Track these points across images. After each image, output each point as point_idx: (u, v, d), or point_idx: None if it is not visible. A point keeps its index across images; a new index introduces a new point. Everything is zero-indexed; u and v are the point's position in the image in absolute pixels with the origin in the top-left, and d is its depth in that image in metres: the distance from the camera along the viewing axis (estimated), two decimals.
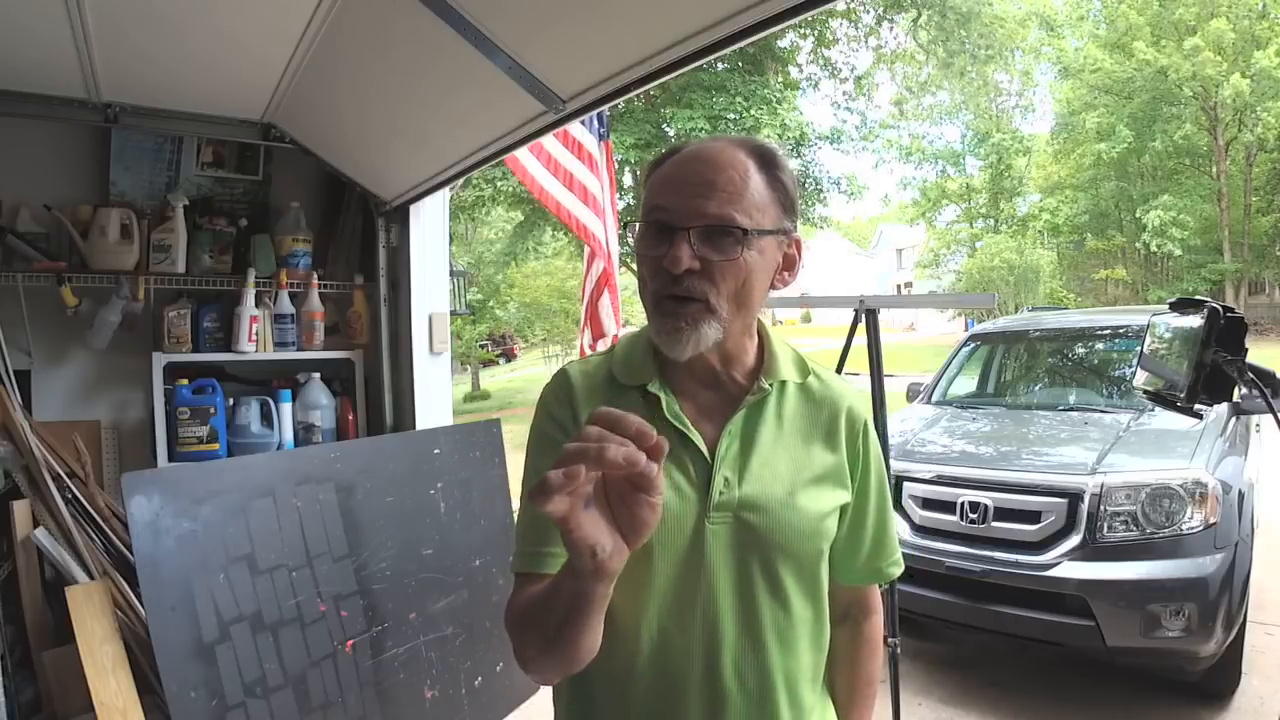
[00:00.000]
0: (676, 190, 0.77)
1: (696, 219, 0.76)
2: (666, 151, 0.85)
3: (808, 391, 0.88)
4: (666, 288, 0.77)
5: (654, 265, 0.78)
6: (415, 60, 1.58)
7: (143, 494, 1.36)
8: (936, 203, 25.67)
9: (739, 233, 0.76)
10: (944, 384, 4.28)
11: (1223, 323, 1.06)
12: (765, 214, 0.79)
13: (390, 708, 1.67)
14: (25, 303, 1.99)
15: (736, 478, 0.80)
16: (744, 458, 0.81)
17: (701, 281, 0.76)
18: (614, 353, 0.89)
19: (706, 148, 0.80)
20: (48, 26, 1.49)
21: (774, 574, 0.80)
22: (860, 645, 0.96)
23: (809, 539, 0.82)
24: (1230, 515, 2.54)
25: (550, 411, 0.86)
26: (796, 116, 11.79)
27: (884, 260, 37.28)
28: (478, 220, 16.67)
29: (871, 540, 0.91)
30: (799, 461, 0.84)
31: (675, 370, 0.84)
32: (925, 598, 2.81)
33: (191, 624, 1.37)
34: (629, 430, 0.55)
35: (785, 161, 0.82)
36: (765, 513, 0.80)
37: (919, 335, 27.10)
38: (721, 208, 0.76)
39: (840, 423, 0.87)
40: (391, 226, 2.39)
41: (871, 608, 0.97)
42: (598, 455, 0.53)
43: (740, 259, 0.76)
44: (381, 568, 1.72)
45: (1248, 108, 18.81)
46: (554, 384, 0.88)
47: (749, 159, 0.79)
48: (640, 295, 0.83)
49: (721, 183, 0.76)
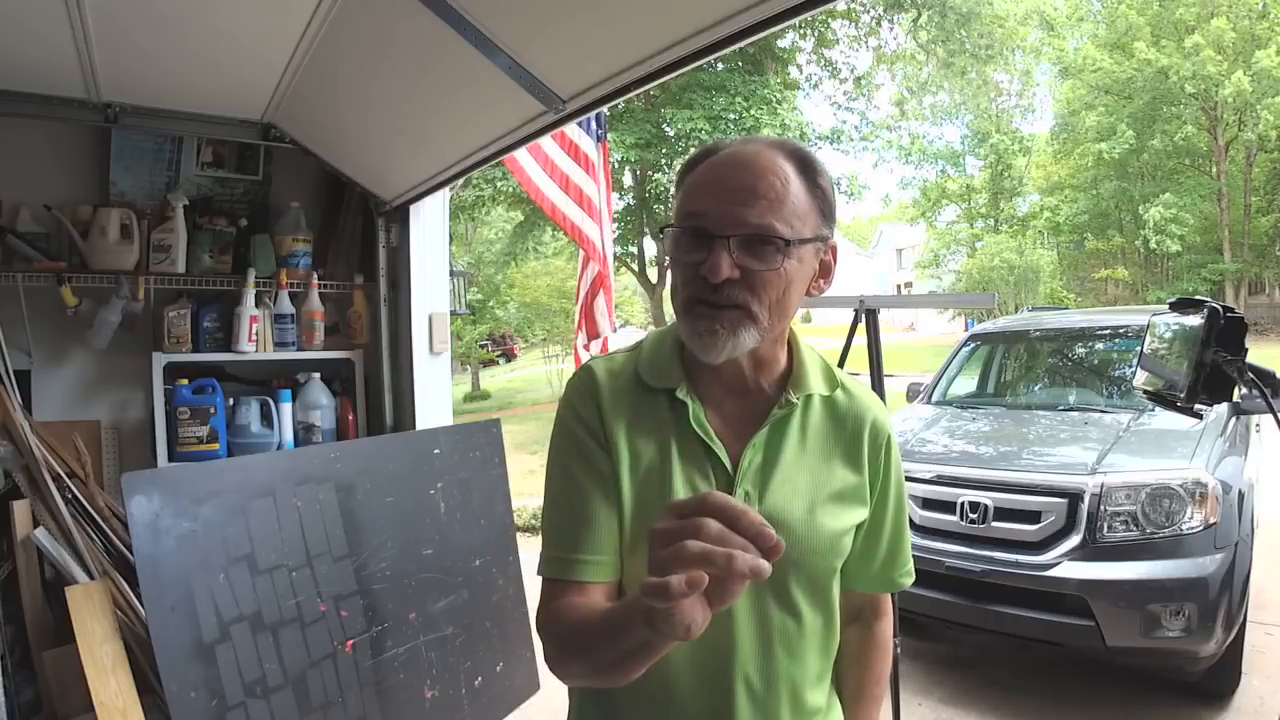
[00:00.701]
0: (716, 196, 0.75)
1: (737, 227, 0.73)
2: (701, 152, 0.82)
3: (833, 406, 0.87)
4: (703, 294, 0.75)
5: (690, 272, 0.76)
6: (415, 60, 1.58)
7: (143, 494, 1.36)
8: (936, 203, 25.68)
9: (780, 242, 0.74)
10: (944, 384, 4.28)
11: (1223, 323, 1.06)
12: (805, 222, 0.77)
13: (390, 708, 1.67)
14: (25, 303, 1.98)
15: (757, 492, 0.80)
16: (765, 473, 0.81)
17: (741, 291, 0.74)
18: (641, 351, 0.87)
19: (745, 151, 0.78)
20: (48, 26, 1.49)
21: (786, 588, 0.81)
22: (870, 646, 0.97)
23: (824, 556, 0.82)
24: (1230, 515, 2.54)
25: (576, 410, 0.84)
26: (796, 117, 11.79)
27: (884, 260, 37.28)
28: (478, 220, 16.68)
29: (886, 551, 0.91)
30: (819, 479, 0.83)
31: (703, 374, 0.82)
32: (925, 598, 2.81)
33: (191, 624, 1.37)
34: (750, 530, 0.51)
35: (824, 167, 0.80)
36: (783, 529, 0.78)
37: (919, 335, 27.10)
38: (763, 216, 0.73)
39: (864, 438, 0.86)
40: (391, 226, 2.39)
41: (883, 610, 0.98)
42: (726, 564, 0.50)
43: (781, 269, 0.75)
44: (381, 568, 1.72)
45: (1248, 107, 18.81)
46: (578, 381, 0.86)
47: (788, 164, 0.77)
48: (671, 298, 0.81)
49: (762, 189, 0.74)
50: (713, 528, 0.51)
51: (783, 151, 0.78)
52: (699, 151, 0.83)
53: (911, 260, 30.78)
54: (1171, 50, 19.67)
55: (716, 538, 0.51)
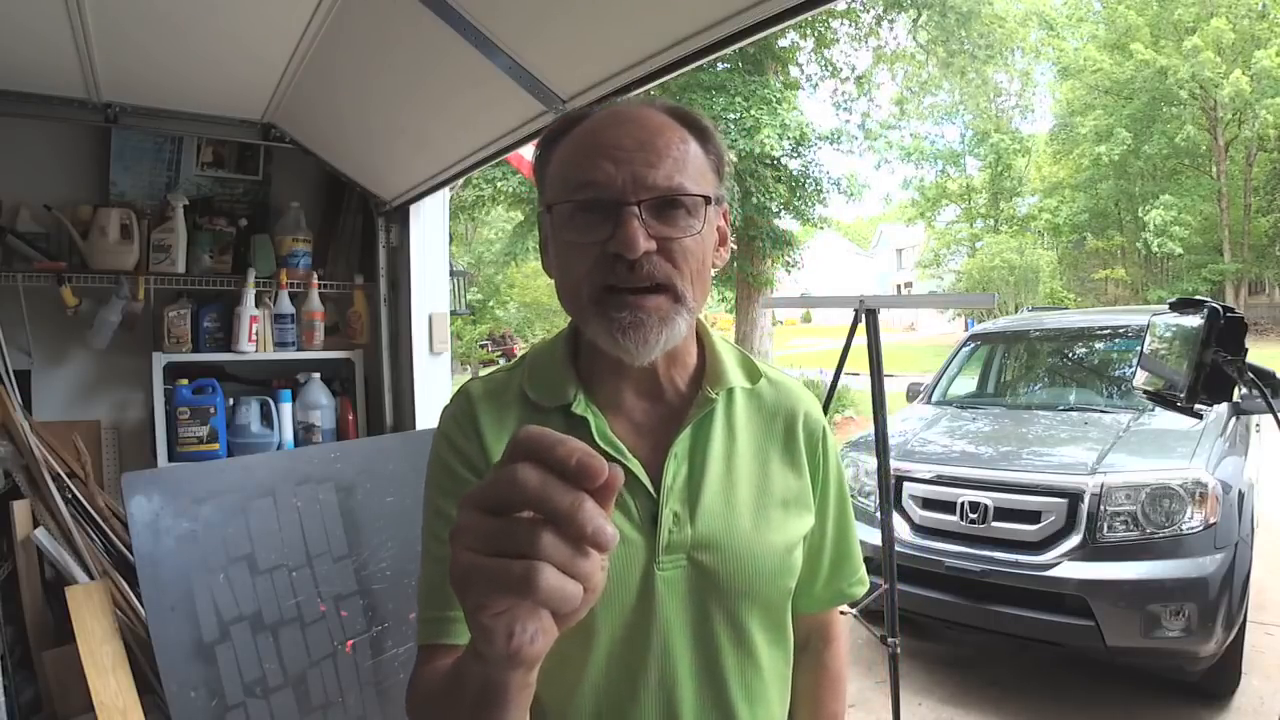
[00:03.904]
0: (611, 159, 0.62)
1: (645, 191, 0.62)
2: (562, 121, 0.70)
3: (759, 399, 0.75)
4: (616, 277, 0.62)
5: (593, 254, 0.63)
6: (415, 60, 1.58)
7: (143, 494, 1.36)
8: (936, 203, 25.68)
9: (698, 201, 0.64)
10: (944, 384, 4.29)
11: (1223, 323, 1.07)
12: (706, 179, 0.67)
13: (390, 708, 1.67)
14: (25, 303, 1.99)
15: (687, 512, 0.67)
16: (694, 486, 0.68)
17: (662, 264, 0.63)
18: (524, 365, 0.74)
19: (625, 110, 0.67)
20: (48, 26, 1.49)
21: (737, 622, 0.68)
22: (821, 680, 0.84)
23: (776, 578, 0.70)
24: (1230, 515, 2.54)
25: (452, 442, 0.70)
26: (797, 116, 11.78)
27: (884, 260, 37.29)
28: (478, 220, 16.68)
29: (831, 561, 0.80)
30: (758, 486, 0.71)
31: (603, 381, 0.70)
32: (925, 598, 2.81)
33: (191, 624, 1.37)
34: (569, 463, 0.35)
35: (708, 122, 0.70)
36: (724, 552, 0.67)
37: (919, 335, 27.11)
38: (672, 177, 0.63)
39: (798, 432, 0.75)
40: (391, 226, 2.39)
41: (832, 635, 0.85)
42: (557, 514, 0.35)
43: (700, 234, 0.64)
44: (381, 568, 1.72)
45: (1247, 107, 18.81)
46: (453, 407, 0.72)
47: (672, 119, 0.67)
48: (562, 294, 0.67)
49: (661, 146, 0.64)
50: (531, 480, 0.35)
51: (663, 109, 0.68)
52: (557, 123, 0.70)
53: (911, 260, 30.78)
54: (1171, 51, 19.67)
55: (536, 491, 0.35)
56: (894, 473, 2.80)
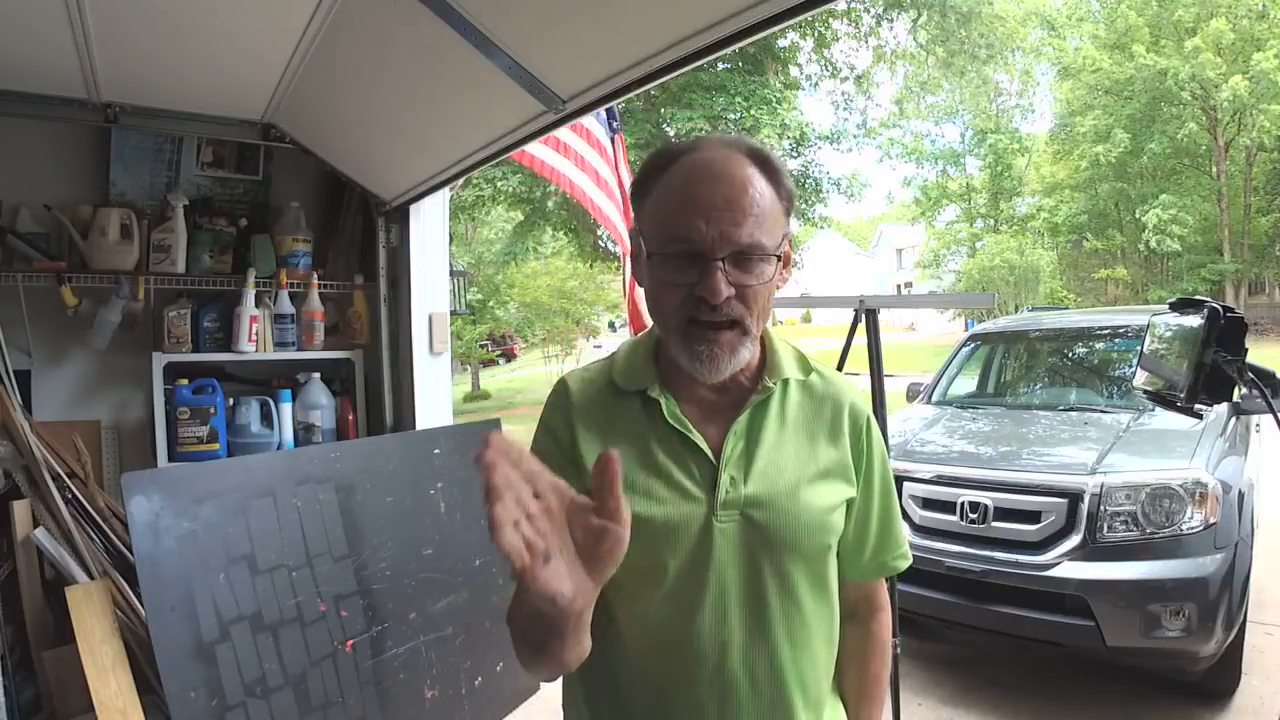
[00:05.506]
0: (702, 216, 0.75)
1: (729, 247, 0.75)
2: (659, 158, 0.82)
3: (810, 389, 0.88)
4: (700, 314, 0.77)
5: (682, 293, 0.77)
6: (415, 60, 1.58)
7: (143, 494, 1.36)
8: (937, 202, 25.70)
9: (770, 257, 0.77)
10: (944, 384, 4.28)
11: (1223, 323, 1.07)
12: (779, 225, 0.79)
13: (390, 708, 1.67)
14: (25, 303, 1.99)
15: (742, 476, 0.81)
16: (749, 456, 0.82)
17: (737, 305, 0.77)
18: (615, 358, 0.89)
19: (714, 160, 0.78)
20: (48, 26, 1.49)
21: (782, 570, 0.81)
22: (868, 645, 0.95)
23: (815, 533, 0.82)
24: (1230, 515, 2.53)
25: (548, 424, 0.87)
26: (797, 116, 11.79)
27: (884, 260, 37.29)
28: (478, 220, 16.69)
29: (877, 535, 0.91)
30: (803, 458, 0.84)
31: (679, 373, 0.83)
32: (925, 598, 2.81)
33: (191, 624, 1.37)
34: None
35: (781, 162, 0.82)
36: (771, 509, 0.80)
37: (919, 335, 27.10)
38: (753, 234, 0.75)
39: (844, 419, 0.87)
40: (391, 226, 2.39)
41: (878, 605, 0.96)
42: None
43: (771, 281, 0.78)
44: (381, 568, 1.72)
45: (1247, 108, 18.80)
46: (553, 395, 0.89)
47: (755, 169, 0.78)
48: (654, 315, 0.82)
49: (746, 205, 0.76)
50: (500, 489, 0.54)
51: (746, 156, 0.79)
52: (655, 159, 0.82)
53: (911, 260, 30.78)
54: (1171, 52, 19.66)
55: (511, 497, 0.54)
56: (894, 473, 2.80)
